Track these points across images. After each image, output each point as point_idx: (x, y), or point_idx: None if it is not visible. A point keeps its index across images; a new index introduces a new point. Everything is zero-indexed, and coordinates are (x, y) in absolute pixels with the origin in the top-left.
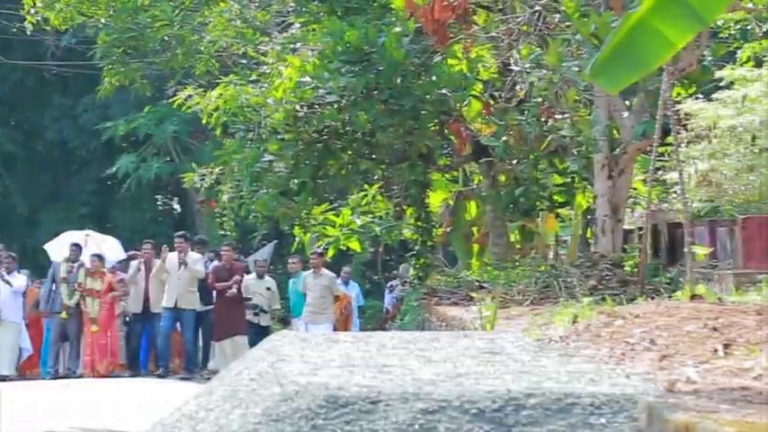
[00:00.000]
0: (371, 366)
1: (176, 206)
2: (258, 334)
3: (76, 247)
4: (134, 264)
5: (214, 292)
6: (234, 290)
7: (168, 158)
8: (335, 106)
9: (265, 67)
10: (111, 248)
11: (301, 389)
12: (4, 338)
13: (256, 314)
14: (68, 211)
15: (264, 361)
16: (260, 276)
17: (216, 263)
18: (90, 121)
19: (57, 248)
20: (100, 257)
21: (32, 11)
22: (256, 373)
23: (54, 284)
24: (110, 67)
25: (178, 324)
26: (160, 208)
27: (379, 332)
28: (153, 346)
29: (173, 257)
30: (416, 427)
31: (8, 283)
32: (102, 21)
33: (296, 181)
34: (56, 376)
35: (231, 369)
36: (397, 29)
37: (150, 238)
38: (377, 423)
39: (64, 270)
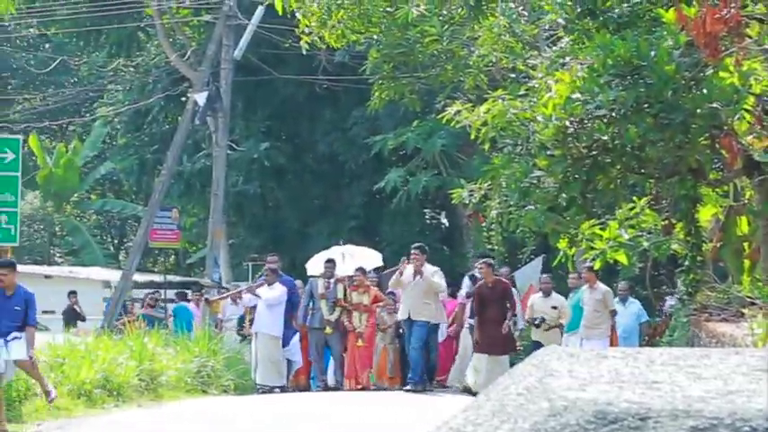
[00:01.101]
0: (640, 382)
1: (444, 220)
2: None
3: (331, 264)
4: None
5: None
6: (506, 327)
7: (436, 172)
8: (605, 120)
9: (533, 82)
10: (370, 260)
11: (570, 404)
12: (261, 350)
13: (546, 330)
14: (338, 224)
15: (532, 376)
16: (546, 294)
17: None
18: (359, 135)
19: (315, 265)
20: (363, 271)
21: (307, 30)
22: (524, 388)
23: (312, 301)
24: (380, 82)
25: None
26: (428, 221)
27: (647, 348)
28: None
29: (409, 269)
30: None
31: (257, 296)
32: (374, 37)
33: (564, 196)
34: (325, 388)
35: (498, 384)
36: (668, 42)
37: None
38: None
39: (321, 286)
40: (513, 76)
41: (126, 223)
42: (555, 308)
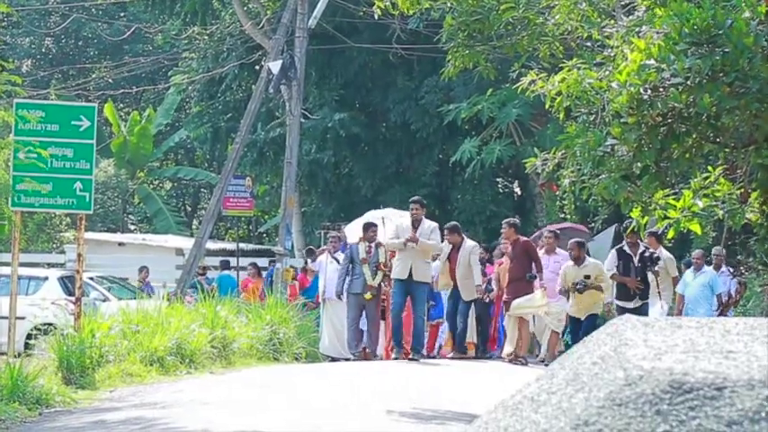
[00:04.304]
0: (716, 352)
1: (516, 189)
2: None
3: (373, 227)
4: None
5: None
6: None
7: (509, 141)
8: (679, 89)
9: (609, 50)
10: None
11: (645, 373)
12: (329, 317)
13: (581, 293)
14: (409, 192)
15: (606, 345)
16: (578, 261)
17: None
18: (432, 104)
19: (356, 230)
20: None
21: None
22: (598, 357)
23: (352, 265)
24: (455, 50)
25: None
26: (500, 190)
27: (722, 318)
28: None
29: (406, 225)
30: (763, 414)
31: (336, 259)
32: (449, 4)
33: (638, 164)
34: (358, 357)
35: (572, 352)
36: (746, 14)
37: (489, 219)
38: (722, 410)
39: (362, 251)
40: (589, 45)
41: (199, 191)
42: (588, 277)
